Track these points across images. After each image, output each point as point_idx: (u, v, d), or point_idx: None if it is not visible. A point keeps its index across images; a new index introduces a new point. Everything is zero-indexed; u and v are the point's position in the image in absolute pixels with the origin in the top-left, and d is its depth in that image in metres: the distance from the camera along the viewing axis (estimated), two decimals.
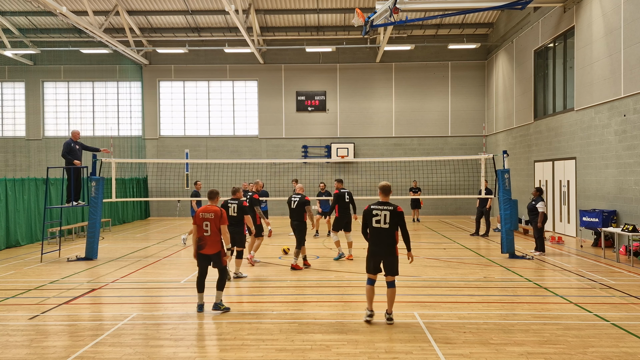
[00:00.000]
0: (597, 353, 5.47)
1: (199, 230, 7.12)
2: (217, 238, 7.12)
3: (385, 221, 6.41)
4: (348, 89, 24.52)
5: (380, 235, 6.46)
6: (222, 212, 7.17)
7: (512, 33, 20.65)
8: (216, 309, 7.12)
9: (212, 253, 7.12)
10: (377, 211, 6.48)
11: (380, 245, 6.48)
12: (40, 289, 8.78)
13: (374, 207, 6.54)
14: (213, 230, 7.07)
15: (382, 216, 6.43)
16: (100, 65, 24.91)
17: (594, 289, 8.58)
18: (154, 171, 24.18)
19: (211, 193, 7.41)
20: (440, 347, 5.66)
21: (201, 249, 7.12)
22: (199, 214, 7.16)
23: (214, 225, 7.08)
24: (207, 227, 7.08)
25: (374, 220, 6.46)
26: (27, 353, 5.61)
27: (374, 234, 6.50)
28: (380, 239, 6.48)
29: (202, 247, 7.11)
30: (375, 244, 6.51)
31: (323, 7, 22.07)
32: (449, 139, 24.36)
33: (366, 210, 6.58)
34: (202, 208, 7.20)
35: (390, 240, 6.45)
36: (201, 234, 7.11)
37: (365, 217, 6.58)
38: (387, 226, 6.42)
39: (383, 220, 6.42)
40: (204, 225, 7.09)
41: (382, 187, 6.71)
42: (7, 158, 25.36)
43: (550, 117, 17.08)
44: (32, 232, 15.02)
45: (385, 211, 6.43)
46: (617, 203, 13.11)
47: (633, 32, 12.34)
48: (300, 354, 5.52)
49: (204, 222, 7.09)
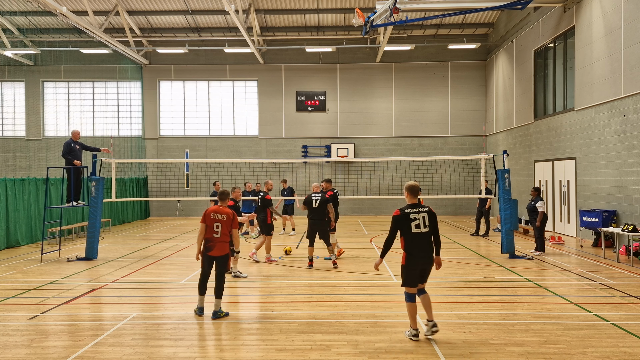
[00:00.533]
0: (597, 353, 5.47)
1: (208, 231, 6.92)
2: (227, 240, 6.96)
3: (425, 224, 5.84)
4: (348, 89, 24.53)
5: (423, 241, 5.85)
6: (234, 215, 7.02)
7: (512, 33, 20.65)
8: (216, 317, 6.83)
9: (219, 255, 6.93)
10: (415, 214, 5.83)
11: (424, 251, 5.86)
12: (40, 289, 8.78)
13: (410, 210, 5.87)
14: (224, 232, 6.90)
15: (421, 219, 5.83)
16: (100, 65, 24.91)
17: (594, 289, 8.58)
18: (154, 171, 24.19)
19: (223, 194, 7.22)
20: (440, 347, 5.66)
21: (209, 250, 6.90)
22: (209, 214, 6.94)
23: (225, 228, 6.91)
24: (218, 229, 6.88)
25: (413, 226, 5.81)
26: (27, 353, 5.61)
27: (415, 241, 5.82)
28: (422, 246, 5.85)
29: (210, 249, 6.89)
30: (419, 251, 5.83)
31: (323, 7, 22.07)
32: (449, 139, 24.36)
33: (400, 216, 5.86)
34: (213, 208, 6.99)
35: (430, 245, 5.91)
36: (210, 235, 6.90)
37: (400, 223, 5.85)
38: (427, 230, 5.85)
39: (422, 223, 5.83)
40: (215, 226, 6.89)
41: (411, 188, 6.05)
42: (7, 158, 25.36)
43: (550, 117, 17.08)
44: (32, 232, 15.02)
45: (422, 214, 5.86)
46: (617, 203, 13.11)
47: (633, 32, 12.33)
48: (300, 354, 5.52)
49: (215, 224, 6.89)
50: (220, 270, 7.00)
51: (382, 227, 18.92)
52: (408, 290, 5.94)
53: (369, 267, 10.52)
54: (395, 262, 11.19)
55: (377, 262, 6.03)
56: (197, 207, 23.93)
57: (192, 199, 21.74)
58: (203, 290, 7.01)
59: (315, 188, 10.88)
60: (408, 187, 6.08)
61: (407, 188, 6.08)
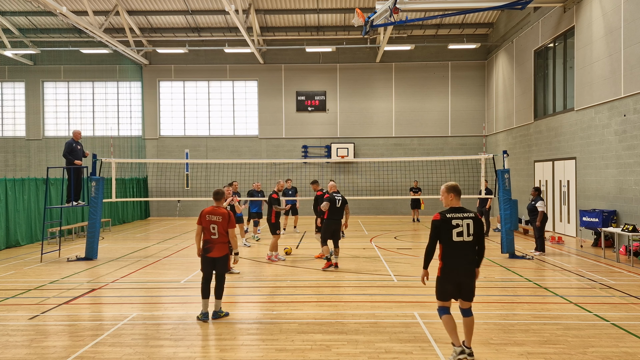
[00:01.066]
0: (597, 353, 5.47)
1: (205, 233, 6.87)
2: (225, 240, 6.90)
3: (469, 232, 5.08)
4: (348, 89, 24.53)
5: (463, 251, 5.09)
6: (230, 215, 6.94)
7: (512, 33, 20.65)
8: (216, 317, 6.81)
9: (218, 256, 6.86)
10: (458, 220, 5.08)
11: (463, 263, 5.11)
12: (40, 289, 8.78)
13: (452, 215, 5.11)
14: (221, 232, 6.84)
15: (465, 226, 5.07)
16: (100, 65, 24.91)
17: (594, 289, 8.58)
18: (154, 171, 24.19)
19: (217, 194, 7.13)
20: (440, 347, 5.66)
21: (208, 252, 6.85)
22: (205, 215, 6.86)
23: (222, 228, 6.84)
24: (215, 230, 6.82)
25: (454, 233, 5.05)
26: (27, 353, 5.61)
27: (455, 250, 5.09)
28: (462, 256, 5.10)
29: (209, 251, 6.84)
30: (457, 263, 5.10)
31: (323, 7, 22.07)
32: (449, 139, 24.37)
33: (440, 221, 5.10)
34: (208, 210, 6.92)
35: (473, 256, 5.15)
36: (208, 237, 6.85)
37: (440, 229, 5.10)
38: (470, 239, 5.09)
39: (466, 231, 5.07)
40: (211, 228, 6.83)
41: (453, 188, 5.25)
42: (7, 158, 25.36)
43: (550, 117, 17.08)
44: (32, 232, 15.02)
45: (467, 219, 5.09)
46: (617, 203, 13.11)
47: (633, 32, 12.33)
48: (300, 354, 5.51)
49: (211, 225, 6.83)
50: (220, 271, 6.94)
51: (382, 227, 18.92)
52: (442, 304, 5.25)
53: (369, 267, 10.52)
54: (396, 262, 11.24)
55: (422, 273, 5.34)
56: (197, 207, 23.89)
57: (192, 199, 21.76)
58: (206, 293, 6.85)
59: (333, 187, 10.60)
60: (450, 187, 5.25)
61: (450, 188, 5.25)
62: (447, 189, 5.25)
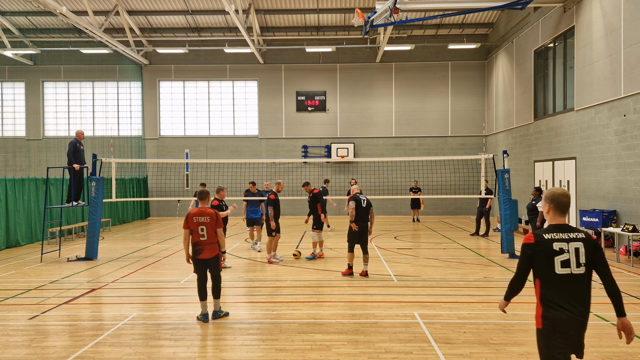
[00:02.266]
0: (597, 353, 5.47)
1: (194, 235, 6.80)
2: (214, 241, 6.84)
3: (580, 262, 3.46)
4: (348, 89, 24.53)
5: (574, 288, 3.52)
6: (218, 215, 6.87)
7: (512, 33, 20.66)
8: (216, 317, 6.82)
9: (209, 257, 6.82)
10: (562, 244, 3.44)
11: (578, 306, 3.51)
12: (40, 289, 8.78)
13: (553, 236, 3.46)
14: (210, 233, 6.77)
15: (572, 252, 3.45)
16: (100, 65, 24.91)
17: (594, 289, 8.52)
18: (154, 171, 24.18)
19: (202, 193, 7.05)
20: (440, 347, 5.66)
21: (198, 254, 6.78)
22: (192, 217, 6.75)
23: (210, 229, 6.77)
24: (204, 232, 6.74)
25: (558, 263, 3.45)
26: (27, 353, 5.61)
27: (561, 288, 3.52)
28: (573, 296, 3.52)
29: (199, 252, 6.78)
30: (567, 307, 3.50)
31: (323, 7, 22.07)
32: (449, 139, 24.36)
33: (534, 244, 3.48)
34: (195, 211, 6.82)
35: (588, 297, 3.59)
36: (197, 239, 6.78)
37: (534, 258, 3.52)
38: (582, 270, 3.49)
39: (575, 260, 3.45)
40: (200, 229, 6.76)
41: (559, 200, 3.54)
42: (7, 158, 25.37)
43: (550, 117, 17.08)
44: (32, 232, 15.02)
45: (575, 242, 3.45)
46: (617, 203, 13.11)
47: (633, 32, 12.33)
48: (300, 354, 5.52)
49: (199, 227, 6.76)
50: (214, 272, 6.91)
51: (381, 227, 18.92)
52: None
53: (369, 267, 10.50)
54: (395, 262, 11.23)
55: (501, 304, 4.11)
56: None
57: (192, 199, 21.67)
58: (203, 295, 6.84)
59: (357, 189, 10.11)
60: (554, 197, 3.55)
61: (552, 199, 3.55)
62: (547, 200, 3.58)
